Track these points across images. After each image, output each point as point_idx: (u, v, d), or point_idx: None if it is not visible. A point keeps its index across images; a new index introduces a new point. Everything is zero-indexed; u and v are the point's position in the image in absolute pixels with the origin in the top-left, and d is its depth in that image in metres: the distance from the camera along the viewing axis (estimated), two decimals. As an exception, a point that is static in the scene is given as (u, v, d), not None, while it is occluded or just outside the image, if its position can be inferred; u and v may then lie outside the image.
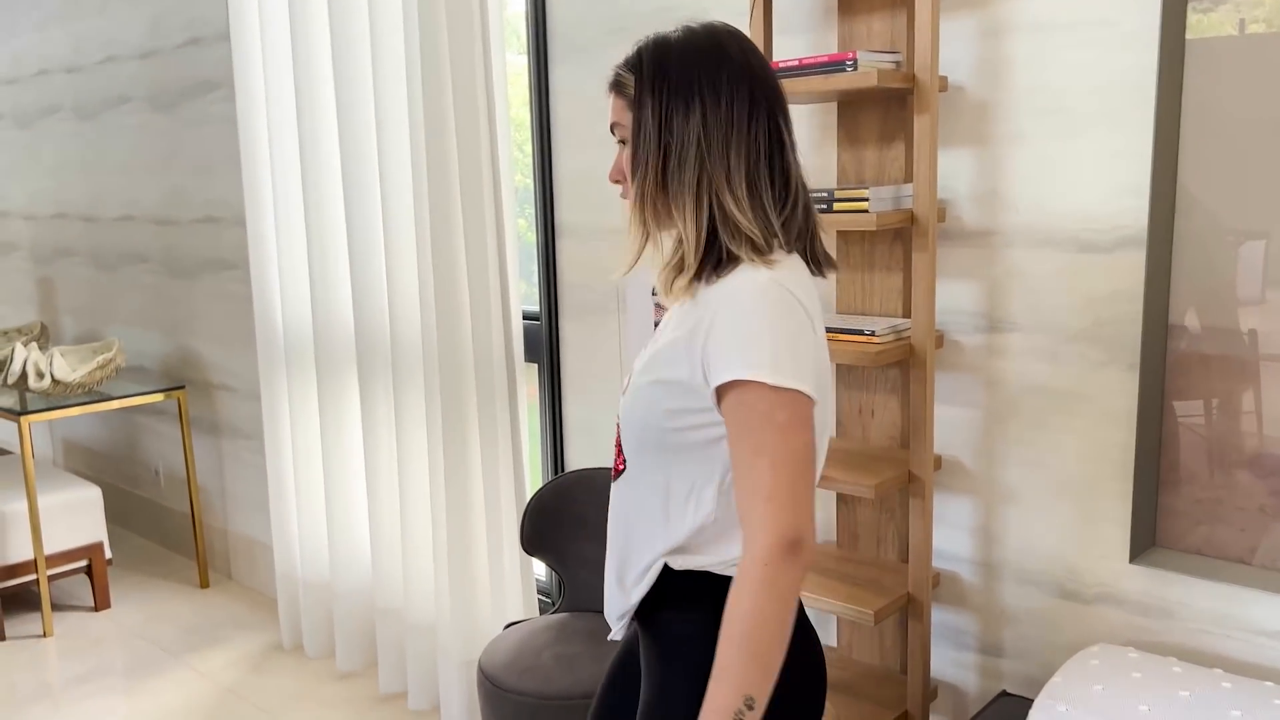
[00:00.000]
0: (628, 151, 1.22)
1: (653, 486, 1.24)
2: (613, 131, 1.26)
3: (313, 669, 3.21)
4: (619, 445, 1.28)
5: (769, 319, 1.13)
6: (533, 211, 2.62)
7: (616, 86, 1.25)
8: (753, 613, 1.09)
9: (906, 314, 1.92)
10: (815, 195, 1.79)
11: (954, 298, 1.88)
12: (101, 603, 3.72)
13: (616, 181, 1.26)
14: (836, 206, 1.76)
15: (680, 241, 1.20)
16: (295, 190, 3.06)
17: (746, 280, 1.15)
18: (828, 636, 2.17)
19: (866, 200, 1.72)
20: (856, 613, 1.78)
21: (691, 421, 1.19)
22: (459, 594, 2.65)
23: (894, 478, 1.79)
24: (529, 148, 2.61)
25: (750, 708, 1.10)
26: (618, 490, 1.29)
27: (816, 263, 1.26)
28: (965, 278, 1.86)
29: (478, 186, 2.54)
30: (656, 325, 2.32)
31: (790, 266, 1.19)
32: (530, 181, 2.63)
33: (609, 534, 1.32)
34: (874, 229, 1.70)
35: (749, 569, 1.10)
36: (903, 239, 1.90)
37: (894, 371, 1.94)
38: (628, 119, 1.22)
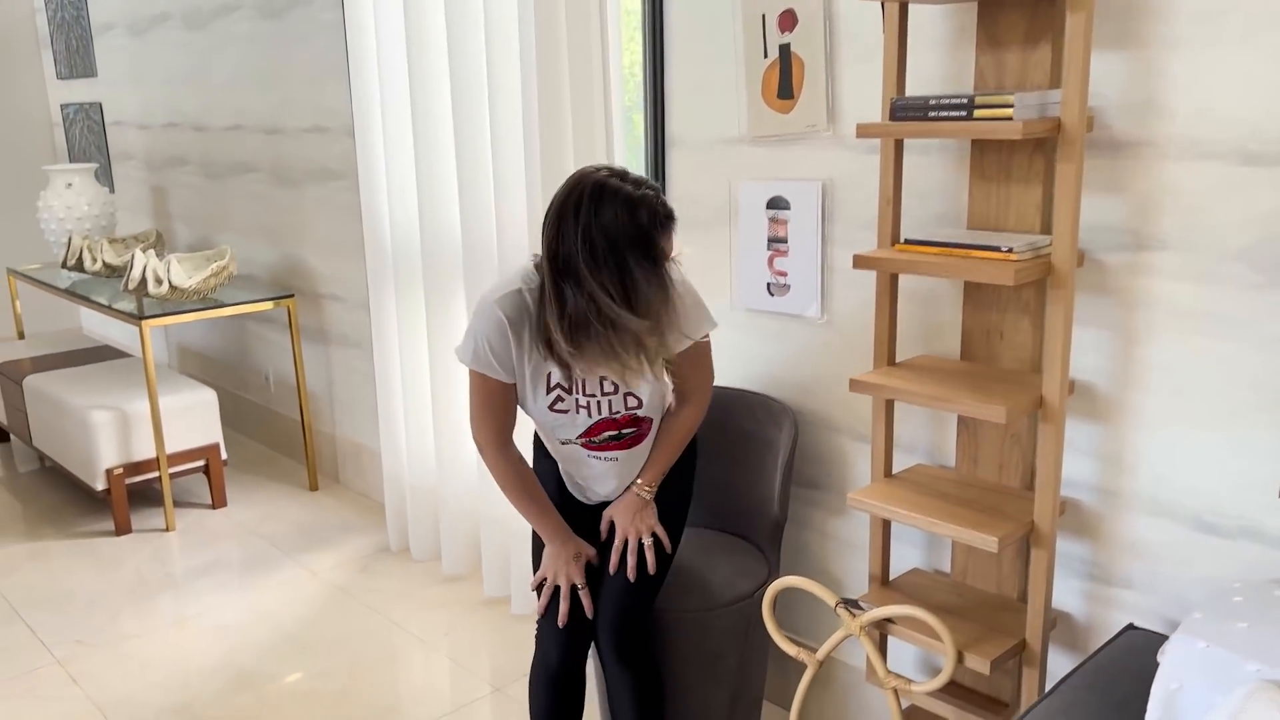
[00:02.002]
0: None
1: (663, 405, 2.04)
2: (673, 257, 1.83)
3: (419, 571, 3.31)
4: (639, 429, 1.99)
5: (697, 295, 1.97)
6: (642, 123, 2.55)
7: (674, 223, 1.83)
8: (689, 434, 2.05)
9: (1044, 230, 1.81)
10: (953, 101, 1.69)
11: (1097, 213, 1.77)
12: (218, 501, 3.88)
13: None
14: (977, 114, 1.65)
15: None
16: (403, 101, 3.04)
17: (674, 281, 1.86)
18: (941, 561, 2.12)
19: (1011, 107, 1.61)
20: (979, 539, 1.73)
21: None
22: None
23: (1026, 402, 1.72)
24: (640, 58, 2.53)
25: (664, 474, 2.04)
26: (647, 440, 2.02)
27: None
28: (1111, 192, 1.75)
29: (588, 97, 2.48)
30: (772, 240, 2.26)
31: None
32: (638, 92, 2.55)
33: (624, 469, 2.03)
34: (1018, 138, 1.59)
35: (698, 416, 2.05)
36: (1044, 150, 1.78)
37: (1028, 291, 1.85)
38: None
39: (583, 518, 2.09)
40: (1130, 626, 1.74)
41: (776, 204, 2.25)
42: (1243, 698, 1.30)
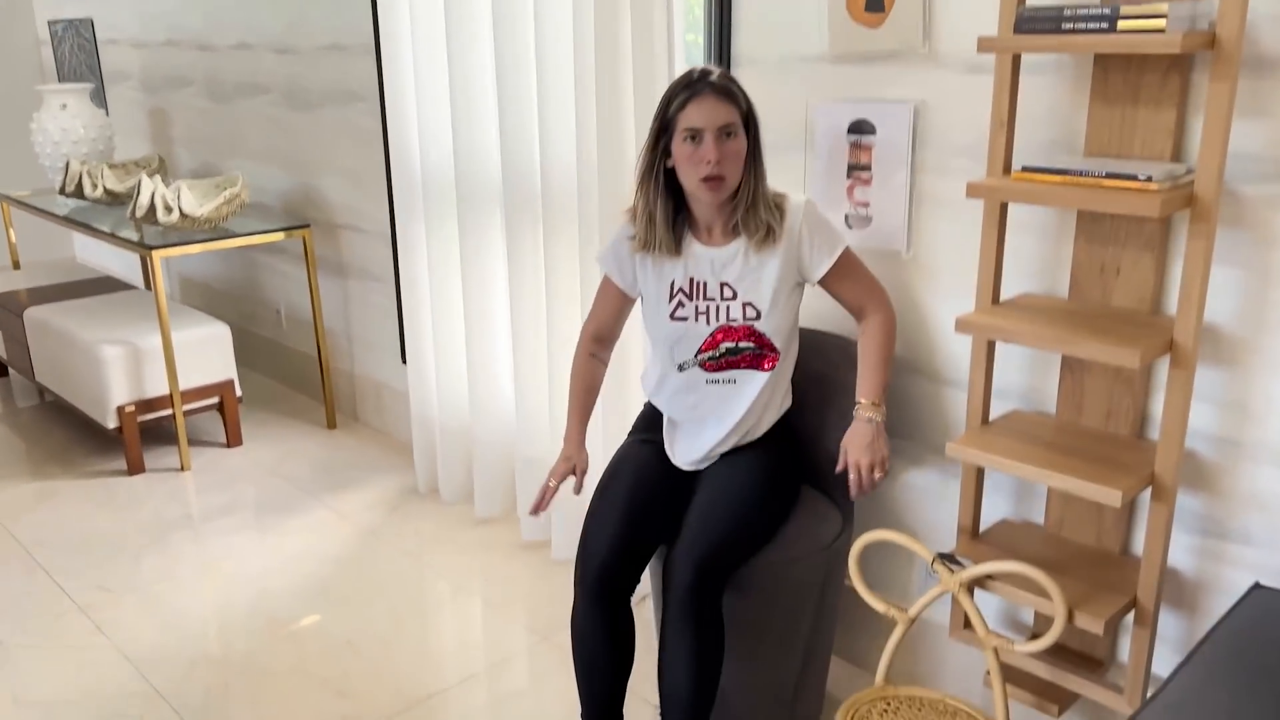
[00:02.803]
0: (738, 145, 1.84)
1: (789, 358, 2.02)
2: (725, 129, 1.81)
3: (451, 514, 3.19)
4: (758, 348, 1.95)
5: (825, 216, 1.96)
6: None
7: (732, 96, 1.83)
8: (888, 339, 1.95)
9: (1174, 157, 1.66)
10: (1092, 11, 1.52)
11: (1236, 139, 1.61)
12: (234, 439, 3.74)
13: (718, 164, 1.81)
14: (1121, 25, 1.49)
15: (763, 202, 1.89)
16: (437, 14, 2.82)
17: (795, 201, 1.93)
18: (1031, 512, 2.01)
19: (1164, 18, 1.44)
20: (1100, 493, 1.61)
21: (799, 304, 2.00)
22: (611, 446, 2.54)
23: (1157, 345, 1.58)
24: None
25: (882, 386, 1.94)
26: (767, 378, 1.97)
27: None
28: (1254, 116, 1.59)
29: (648, 5, 2.28)
30: (853, 167, 2.09)
31: None
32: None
33: (737, 409, 1.98)
34: (1177, 52, 1.43)
35: (889, 319, 1.96)
36: (1179, 68, 1.62)
37: (1151, 225, 1.70)
38: (740, 123, 1.84)
39: (672, 481, 2.04)
40: (1257, 586, 1.63)
41: (860, 128, 2.08)
42: None
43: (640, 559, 1.92)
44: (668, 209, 1.92)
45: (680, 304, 1.97)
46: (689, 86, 1.82)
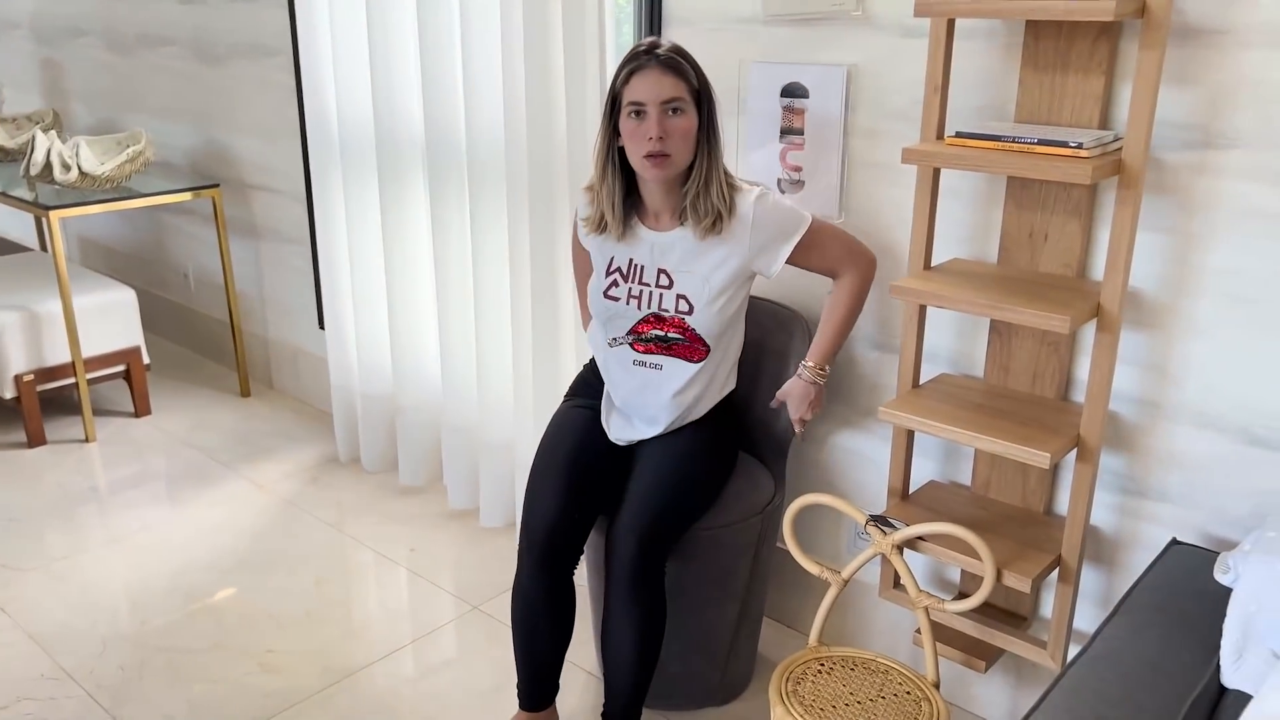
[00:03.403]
0: (685, 122, 1.77)
1: (727, 351, 1.96)
2: (670, 104, 1.75)
3: (374, 483, 3.12)
4: (688, 341, 1.89)
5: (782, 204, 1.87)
6: (632, -4, 2.31)
7: (679, 70, 1.77)
8: (855, 301, 1.91)
9: (1101, 124, 1.68)
10: (1027, -23, 1.52)
11: (1161, 108, 1.64)
12: (142, 409, 3.59)
13: (661, 140, 1.75)
14: (1056, -9, 1.49)
15: (716, 187, 1.81)
16: (353, -37, 2.71)
17: (748, 196, 1.84)
18: (958, 473, 2.05)
19: (1098, -16, 1.45)
20: (1030, 455, 1.64)
21: (741, 301, 1.92)
22: (543, 412, 2.51)
23: (1086, 310, 1.61)
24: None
25: (832, 352, 1.94)
26: (696, 369, 1.91)
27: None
28: (1179, 84, 1.62)
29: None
30: (786, 131, 2.08)
31: None
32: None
33: (666, 401, 1.93)
34: (1110, 18, 1.44)
35: (866, 277, 1.91)
36: (1108, 35, 1.64)
37: (1079, 191, 1.72)
38: (689, 99, 1.77)
39: (612, 448, 2.00)
40: (1174, 541, 1.69)
41: (792, 91, 2.06)
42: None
43: (584, 527, 1.90)
44: (619, 190, 1.86)
45: (615, 283, 1.92)
46: (634, 59, 1.77)
